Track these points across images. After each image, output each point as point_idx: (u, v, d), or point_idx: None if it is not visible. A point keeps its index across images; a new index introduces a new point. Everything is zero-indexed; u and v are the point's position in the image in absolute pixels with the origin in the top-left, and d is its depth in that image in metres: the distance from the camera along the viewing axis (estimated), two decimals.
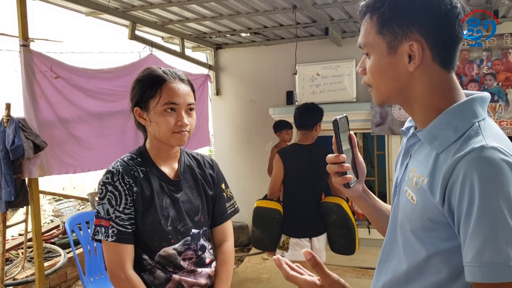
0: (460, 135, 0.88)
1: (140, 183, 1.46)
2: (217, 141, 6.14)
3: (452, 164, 0.84)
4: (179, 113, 1.44)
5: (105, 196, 1.42)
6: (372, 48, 0.97)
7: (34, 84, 3.00)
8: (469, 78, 4.64)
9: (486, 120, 0.91)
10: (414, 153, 1.01)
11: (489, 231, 0.77)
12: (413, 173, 0.96)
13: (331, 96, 5.29)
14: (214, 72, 5.84)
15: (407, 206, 0.96)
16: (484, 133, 0.86)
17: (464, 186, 0.81)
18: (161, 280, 1.46)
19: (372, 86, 1.01)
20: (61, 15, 10.17)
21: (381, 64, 0.96)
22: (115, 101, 3.63)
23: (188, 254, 1.51)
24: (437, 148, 0.91)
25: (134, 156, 1.52)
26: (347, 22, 4.69)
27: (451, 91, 0.94)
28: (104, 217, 1.41)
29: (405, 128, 1.09)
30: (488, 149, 0.81)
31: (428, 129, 0.94)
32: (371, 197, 1.20)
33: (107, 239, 1.40)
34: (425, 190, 0.89)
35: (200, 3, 3.92)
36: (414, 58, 0.92)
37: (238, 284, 4.24)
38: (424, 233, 0.92)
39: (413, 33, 0.91)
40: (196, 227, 1.54)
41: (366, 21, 0.98)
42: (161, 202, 1.48)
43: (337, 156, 1.04)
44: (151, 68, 1.51)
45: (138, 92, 1.47)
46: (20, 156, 2.84)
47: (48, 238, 4.66)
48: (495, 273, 0.76)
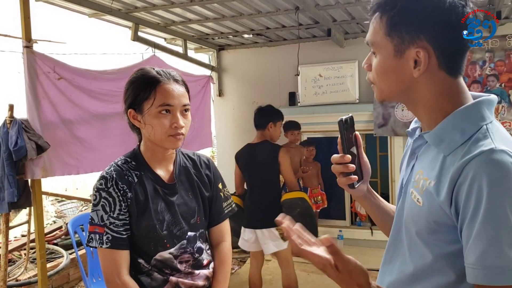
0: (468, 137, 0.88)
1: (134, 188, 1.43)
2: (220, 142, 6.14)
3: (460, 166, 0.83)
4: (174, 115, 1.41)
5: (99, 202, 1.40)
6: (379, 48, 0.96)
7: (37, 85, 3.00)
8: (472, 79, 4.63)
9: (494, 123, 0.90)
10: (421, 155, 1.00)
11: (494, 235, 0.77)
12: (420, 175, 0.95)
13: (334, 97, 5.28)
14: (216, 73, 5.84)
15: (412, 208, 0.96)
16: (492, 136, 0.85)
17: (472, 188, 0.80)
18: (159, 282, 1.45)
19: (374, 84, 1.00)
20: (64, 16, 10.20)
21: (386, 65, 0.95)
22: (118, 102, 3.58)
23: (184, 258, 1.50)
24: (444, 150, 0.90)
25: (128, 159, 1.49)
26: (349, 23, 4.68)
27: (458, 94, 0.94)
28: (98, 224, 1.39)
29: (411, 129, 1.08)
30: (498, 152, 0.81)
31: (435, 131, 0.93)
32: (375, 197, 1.19)
33: (101, 246, 1.39)
34: (431, 193, 0.89)
35: (203, 5, 3.92)
36: (420, 65, 0.91)
37: (240, 285, 4.24)
38: (429, 236, 0.91)
39: (421, 40, 0.90)
40: (192, 230, 1.52)
41: (375, 20, 0.97)
42: (156, 206, 1.45)
43: (342, 157, 1.04)
44: (144, 69, 1.47)
45: (132, 94, 1.45)
46: (23, 157, 2.85)
47: (50, 239, 4.67)
48: (497, 276, 0.77)
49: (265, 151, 3.40)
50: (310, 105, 5.35)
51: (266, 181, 3.42)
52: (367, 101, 5.07)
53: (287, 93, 5.52)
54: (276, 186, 3.46)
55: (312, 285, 4.16)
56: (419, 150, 1.02)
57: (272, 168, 3.37)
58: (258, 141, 3.47)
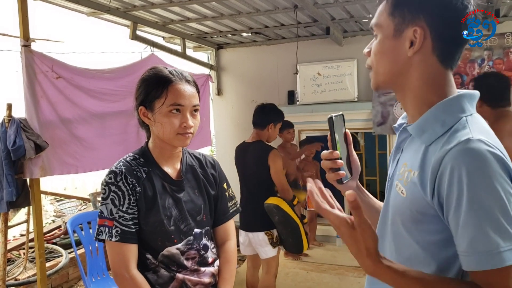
0: (448, 128, 0.91)
1: (143, 183, 1.46)
2: (219, 141, 6.15)
3: (440, 157, 0.87)
4: (184, 115, 1.44)
5: (108, 196, 1.42)
6: (381, 29, 1.00)
7: (36, 85, 3.00)
8: (470, 77, 4.63)
9: (474, 116, 0.94)
10: (406, 148, 1.04)
11: (478, 222, 0.81)
12: (405, 168, 0.99)
13: (333, 95, 5.29)
14: (215, 72, 5.84)
15: (397, 200, 0.99)
16: (471, 127, 0.88)
17: (453, 178, 0.83)
18: (165, 279, 1.47)
19: (372, 68, 1.03)
20: (62, 15, 10.17)
21: (385, 45, 0.99)
22: (117, 101, 3.63)
23: (191, 254, 1.51)
24: (426, 141, 0.94)
25: (136, 156, 1.52)
26: (348, 21, 4.68)
27: (444, 86, 0.97)
28: (107, 217, 1.41)
29: (398, 124, 1.11)
30: (474, 141, 0.84)
31: (417, 123, 0.97)
32: (365, 194, 1.22)
33: (110, 239, 1.40)
34: (415, 183, 0.92)
35: (201, 3, 3.92)
36: (415, 44, 0.94)
37: (239, 283, 4.23)
38: (413, 226, 0.95)
39: (420, 20, 0.94)
40: (199, 227, 1.55)
41: (383, 2, 1.01)
42: (164, 202, 1.48)
43: (331, 153, 1.06)
44: (157, 68, 1.50)
45: (144, 91, 1.47)
46: (22, 157, 2.84)
47: (49, 239, 4.67)
48: (487, 261, 0.80)
49: (255, 152, 3.29)
50: (309, 104, 5.35)
51: (257, 183, 3.31)
52: (366, 99, 5.07)
53: (286, 92, 5.52)
54: (266, 189, 3.28)
55: (311, 283, 4.16)
56: (404, 143, 1.05)
57: (262, 171, 3.23)
58: (252, 140, 3.37)
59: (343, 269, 4.46)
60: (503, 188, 0.81)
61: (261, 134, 3.36)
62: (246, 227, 3.31)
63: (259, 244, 3.25)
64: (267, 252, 3.25)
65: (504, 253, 0.79)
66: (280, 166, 3.26)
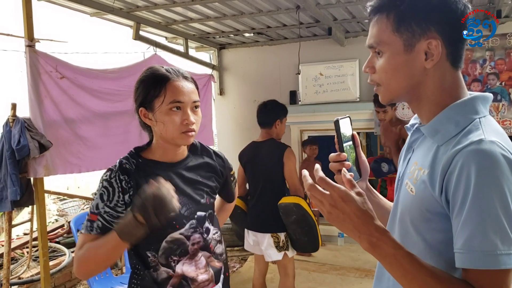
0: (461, 129, 0.91)
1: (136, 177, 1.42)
2: (221, 141, 6.16)
3: (451, 156, 0.87)
4: (185, 112, 1.43)
5: (99, 191, 1.40)
6: (386, 47, 0.98)
7: (40, 84, 3.02)
8: (472, 77, 4.64)
9: (487, 117, 0.94)
10: (417, 148, 1.04)
11: (480, 220, 0.80)
12: (415, 166, 0.99)
13: (334, 96, 5.30)
14: (217, 72, 5.86)
15: (406, 198, 1.00)
16: (484, 128, 0.89)
17: (461, 177, 0.83)
18: (164, 277, 1.45)
19: (381, 84, 1.02)
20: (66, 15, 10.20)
21: (396, 62, 0.97)
22: (120, 101, 3.65)
23: (196, 238, 1.49)
24: (438, 141, 0.94)
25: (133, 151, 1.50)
26: (350, 22, 4.69)
27: (458, 88, 0.97)
28: (92, 212, 1.38)
29: (410, 125, 1.11)
30: (487, 142, 0.84)
31: (431, 123, 0.97)
32: (375, 195, 1.22)
33: (90, 233, 1.35)
34: (424, 181, 0.93)
35: (204, 4, 3.93)
36: (432, 56, 0.94)
37: (241, 283, 4.25)
38: (422, 224, 0.95)
39: (431, 31, 0.93)
40: (202, 210, 1.53)
41: (379, 20, 0.99)
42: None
43: (338, 155, 1.07)
44: (153, 67, 1.49)
45: (142, 92, 1.45)
46: (26, 156, 2.86)
47: (53, 238, 4.70)
48: (482, 260, 0.80)
49: (269, 150, 3.25)
50: (311, 104, 5.36)
51: (268, 182, 3.25)
52: (367, 99, 5.07)
53: (288, 92, 5.53)
54: (279, 189, 3.26)
55: (313, 284, 4.17)
56: (415, 143, 1.06)
57: (275, 169, 3.20)
58: (263, 139, 3.32)
59: (344, 270, 4.46)
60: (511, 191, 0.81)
61: (270, 132, 3.30)
62: (256, 227, 3.28)
63: (263, 246, 3.22)
64: (271, 256, 3.19)
65: (500, 256, 0.78)
66: (294, 165, 3.24)
